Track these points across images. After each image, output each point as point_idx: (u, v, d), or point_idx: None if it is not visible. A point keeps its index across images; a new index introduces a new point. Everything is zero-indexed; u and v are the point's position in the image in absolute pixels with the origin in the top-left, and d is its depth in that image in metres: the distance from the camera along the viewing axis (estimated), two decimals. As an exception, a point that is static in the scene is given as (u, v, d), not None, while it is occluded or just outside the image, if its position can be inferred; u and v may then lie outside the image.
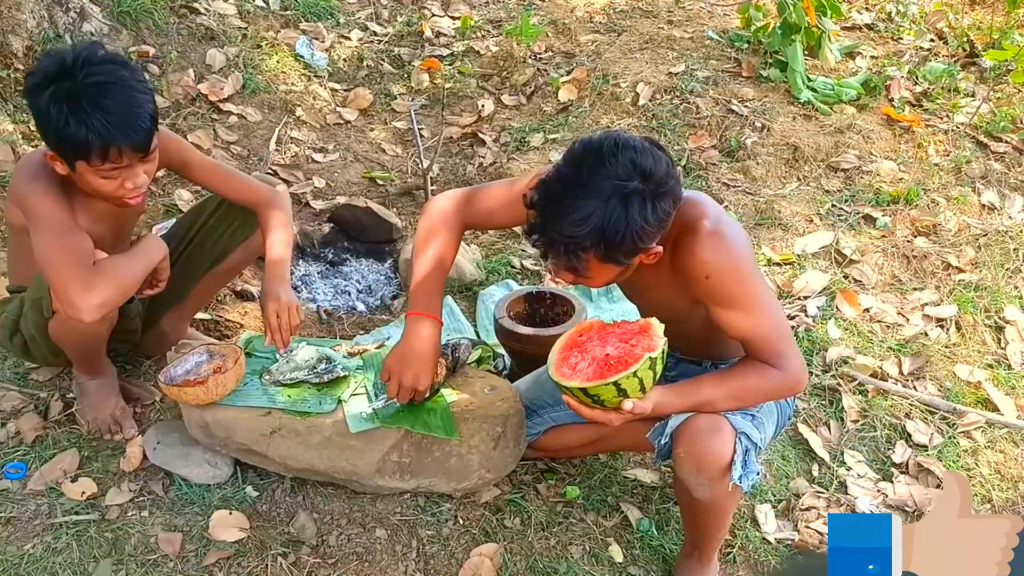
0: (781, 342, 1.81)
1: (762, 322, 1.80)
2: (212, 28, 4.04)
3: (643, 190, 1.61)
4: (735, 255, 1.78)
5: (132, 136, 1.86)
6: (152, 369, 2.49)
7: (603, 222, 1.60)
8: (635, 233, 1.62)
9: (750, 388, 1.83)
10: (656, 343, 1.74)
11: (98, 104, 1.82)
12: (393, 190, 3.69)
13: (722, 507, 1.96)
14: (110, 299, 1.95)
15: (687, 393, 1.84)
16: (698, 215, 1.78)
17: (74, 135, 1.82)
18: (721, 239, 1.76)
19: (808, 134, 3.84)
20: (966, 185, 3.70)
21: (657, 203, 1.63)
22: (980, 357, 2.97)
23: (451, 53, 4.54)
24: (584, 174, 1.63)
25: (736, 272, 1.78)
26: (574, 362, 1.79)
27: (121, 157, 1.88)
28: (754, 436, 1.87)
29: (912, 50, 4.55)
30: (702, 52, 4.32)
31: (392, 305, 3.06)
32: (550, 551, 2.17)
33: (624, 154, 1.62)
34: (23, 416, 2.30)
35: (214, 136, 3.60)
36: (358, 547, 2.09)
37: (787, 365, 1.80)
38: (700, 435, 1.83)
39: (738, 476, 1.83)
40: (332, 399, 2.13)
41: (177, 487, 2.15)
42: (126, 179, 1.93)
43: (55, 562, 1.96)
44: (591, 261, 1.67)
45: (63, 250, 1.92)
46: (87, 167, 1.89)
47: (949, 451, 2.62)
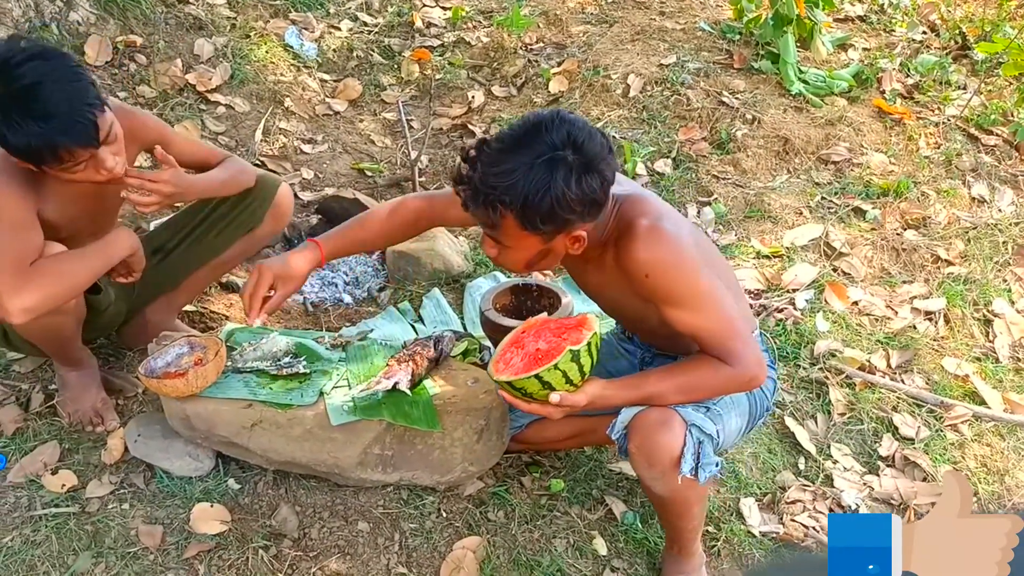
0: (730, 338, 1.79)
1: (708, 318, 1.78)
2: (200, 18, 4.01)
3: (571, 160, 1.63)
4: (674, 252, 1.77)
5: (75, 135, 1.79)
6: (135, 361, 2.47)
7: (526, 180, 1.62)
8: (555, 199, 1.62)
9: (699, 382, 1.82)
10: (583, 336, 1.75)
11: (29, 111, 1.73)
12: (382, 181, 3.67)
13: (683, 500, 1.94)
14: (43, 302, 1.86)
15: (632, 386, 1.84)
16: (638, 213, 1.79)
17: (16, 145, 1.77)
18: (659, 236, 1.76)
19: (799, 126, 3.83)
20: (956, 178, 3.69)
21: (584, 177, 1.64)
22: (968, 350, 2.97)
23: (441, 44, 4.51)
24: (520, 136, 1.67)
25: (675, 269, 1.77)
26: (509, 357, 1.82)
27: (74, 155, 1.83)
28: (707, 428, 1.86)
29: (904, 42, 4.53)
30: (694, 43, 4.30)
31: (379, 297, 3.05)
32: (534, 544, 2.16)
33: (562, 126, 1.65)
34: (4, 408, 2.29)
35: (202, 127, 3.57)
36: (340, 540, 2.08)
37: (738, 361, 1.78)
38: (649, 429, 1.83)
39: (689, 469, 1.82)
40: (314, 391, 2.12)
41: (158, 480, 2.14)
42: (96, 167, 1.89)
43: (34, 555, 1.95)
44: (509, 221, 1.68)
45: (2, 248, 1.85)
46: (49, 169, 1.85)
47: (936, 444, 2.62)
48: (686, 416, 1.84)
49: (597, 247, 1.85)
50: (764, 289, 3.11)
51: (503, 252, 1.80)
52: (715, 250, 2.12)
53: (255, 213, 2.36)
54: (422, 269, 3.08)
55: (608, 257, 1.84)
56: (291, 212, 2.48)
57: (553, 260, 1.83)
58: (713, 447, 1.87)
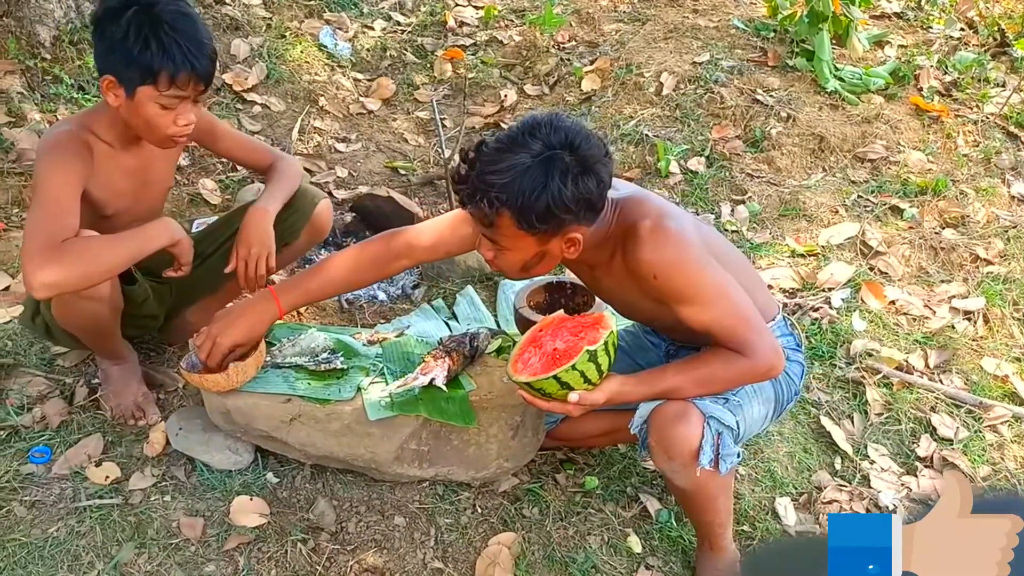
0: (744, 330, 1.79)
1: (720, 312, 1.79)
2: (236, 18, 4.06)
3: (568, 161, 1.66)
4: (679, 250, 1.78)
5: (203, 64, 1.93)
6: (175, 356, 2.51)
7: (523, 178, 1.65)
8: (551, 198, 1.64)
9: (716, 375, 1.83)
10: (600, 335, 1.77)
11: (177, 30, 1.89)
12: (415, 180, 3.69)
13: (705, 492, 1.94)
14: (65, 279, 1.87)
15: (649, 381, 1.86)
16: (639, 215, 1.80)
17: (150, 59, 1.88)
18: (662, 236, 1.77)
19: (834, 124, 3.80)
20: (995, 176, 3.65)
21: (580, 179, 1.66)
22: (1007, 350, 2.93)
23: (474, 43, 4.53)
24: (517, 137, 1.70)
25: (682, 267, 1.78)
26: (527, 357, 1.84)
27: (188, 85, 1.93)
28: (726, 419, 1.86)
29: (941, 39, 4.48)
30: (727, 41, 4.28)
31: (413, 295, 3.07)
32: (568, 541, 2.16)
33: (559, 128, 1.68)
34: (49, 401, 2.33)
35: (238, 126, 3.61)
36: (377, 534, 2.10)
37: (754, 352, 1.79)
38: (666, 422, 1.84)
39: (708, 460, 1.82)
40: (352, 387, 2.14)
41: (199, 472, 2.17)
42: (179, 114, 1.98)
43: (79, 545, 1.98)
44: (505, 220, 1.69)
45: (39, 225, 1.89)
46: (151, 92, 1.92)
47: (975, 445, 2.59)
48: (703, 408, 1.85)
49: (603, 252, 1.87)
50: (799, 288, 3.10)
51: (499, 254, 1.81)
52: (723, 241, 2.11)
53: (293, 227, 2.38)
54: (456, 267, 3.09)
55: (616, 261, 1.86)
56: (329, 227, 2.51)
57: (549, 264, 1.83)
58: (733, 437, 1.88)
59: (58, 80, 3.39)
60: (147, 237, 2.02)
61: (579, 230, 1.76)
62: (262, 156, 2.40)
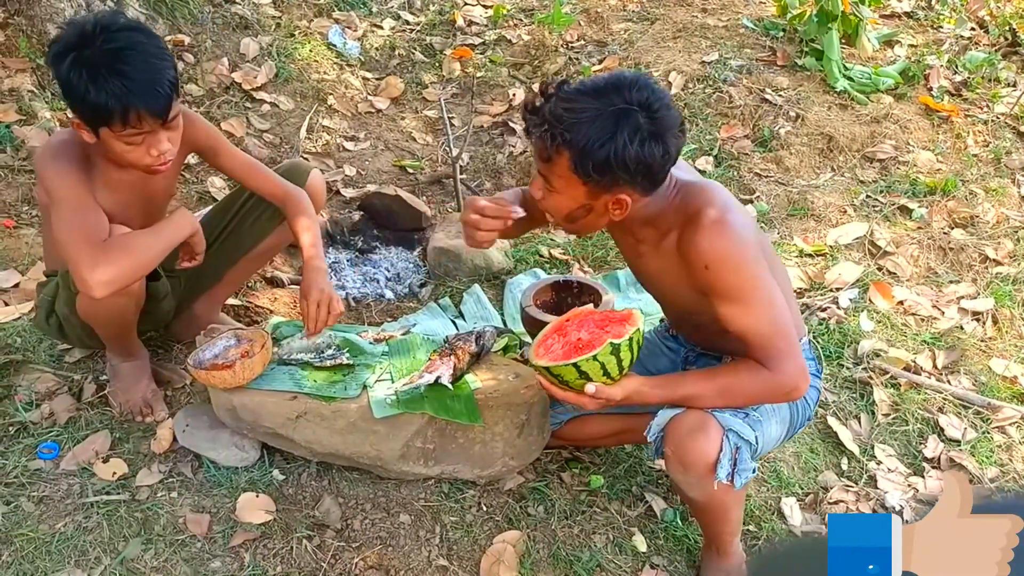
0: (778, 343, 1.75)
1: (760, 319, 1.75)
2: (246, 17, 4.07)
3: (641, 122, 1.63)
4: (737, 247, 1.73)
5: (150, 101, 1.86)
6: (183, 353, 2.52)
7: (592, 124, 1.63)
8: (613, 152, 1.62)
9: (738, 387, 1.79)
10: (625, 331, 1.74)
11: (115, 70, 1.82)
12: (423, 179, 3.70)
13: (719, 505, 1.92)
14: (120, 275, 1.93)
15: (669, 385, 1.83)
16: (705, 202, 1.76)
17: (94, 101, 1.84)
18: (724, 229, 1.72)
19: (843, 124, 3.79)
20: (1005, 176, 3.63)
21: (648, 142, 1.63)
22: (1017, 351, 2.91)
23: (483, 42, 4.53)
24: (601, 86, 1.67)
25: (735, 264, 1.73)
26: (550, 343, 1.82)
27: (141, 122, 1.89)
28: (745, 434, 1.82)
29: (952, 39, 4.46)
30: (736, 40, 4.27)
31: (420, 293, 3.07)
32: (573, 539, 2.16)
33: (644, 90, 1.65)
34: (57, 397, 2.34)
35: (247, 124, 3.63)
36: (382, 531, 2.11)
37: (781, 368, 1.75)
38: (685, 433, 1.80)
39: (725, 474, 1.79)
40: (357, 384, 2.15)
41: (206, 469, 2.18)
42: (150, 146, 1.94)
43: (86, 540, 1.99)
44: (563, 160, 1.67)
45: (75, 227, 1.93)
46: (110, 133, 1.90)
47: (983, 446, 2.57)
48: (723, 421, 1.81)
49: (657, 229, 1.83)
50: (807, 288, 3.09)
51: (548, 195, 1.77)
52: (773, 251, 2.07)
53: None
54: (462, 265, 3.10)
55: (667, 242, 1.81)
56: (324, 198, 2.50)
57: (593, 221, 1.79)
58: (751, 452, 1.84)
59: (68, 78, 3.40)
60: (178, 226, 2.08)
61: (631, 194, 1.71)
62: (270, 185, 2.32)
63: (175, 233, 2.08)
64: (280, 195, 2.32)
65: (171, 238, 2.07)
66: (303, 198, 2.32)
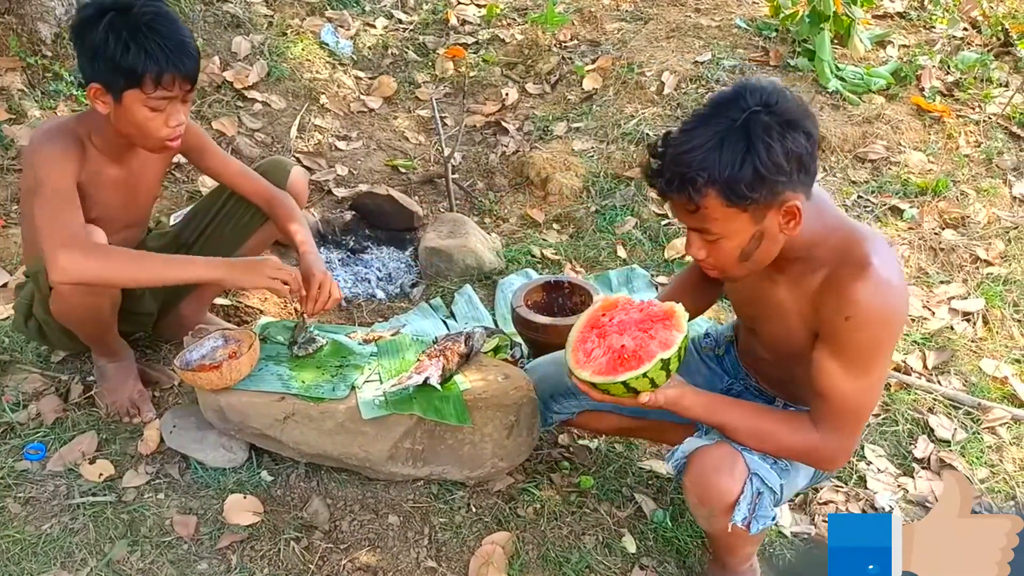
0: (848, 418, 1.66)
1: (854, 390, 1.63)
2: (238, 16, 4.06)
3: (768, 120, 1.49)
4: (889, 313, 1.59)
5: (186, 63, 1.92)
6: (171, 353, 2.51)
7: (723, 147, 1.49)
8: (758, 160, 1.48)
9: (779, 436, 1.71)
10: (673, 340, 1.64)
11: (155, 31, 1.88)
12: (415, 178, 3.69)
13: (731, 542, 1.88)
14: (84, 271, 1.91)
15: (712, 408, 1.75)
16: (874, 251, 1.60)
17: (132, 60, 1.87)
18: (888, 290, 1.58)
19: (835, 124, 3.79)
20: (997, 177, 3.63)
21: (787, 133, 1.49)
22: (1007, 352, 2.91)
23: (476, 41, 4.53)
24: (706, 113, 1.56)
25: (876, 331, 1.59)
26: (590, 347, 1.71)
27: (173, 85, 1.92)
28: (771, 480, 1.74)
29: (944, 39, 4.46)
30: (729, 40, 4.27)
31: (411, 293, 3.06)
32: (563, 540, 2.16)
33: (753, 92, 1.53)
34: (44, 398, 2.33)
35: (239, 123, 3.62)
36: (370, 533, 2.10)
37: (830, 437, 1.67)
38: (709, 468, 1.73)
39: (742, 518, 1.71)
40: (345, 385, 2.14)
41: (193, 470, 2.17)
42: (169, 115, 1.97)
43: (72, 542, 1.98)
44: (712, 200, 1.52)
45: (59, 213, 1.93)
46: (138, 95, 1.91)
47: (973, 447, 2.57)
48: (751, 463, 1.73)
49: (807, 262, 1.66)
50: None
51: (712, 248, 1.62)
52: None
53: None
54: (454, 265, 3.09)
55: (813, 279, 1.65)
56: (305, 195, 2.50)
57: (769, 247, 1.61)
58: (773, 500, 1.76)
59: (58, 77, 3.39)
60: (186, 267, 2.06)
61: (795, 197, 1.54)
62: (255, 187, 2.34)
63: (177, 270, 2.05)
64: (266, 198, 2.34)
65: (169, 272, 2.04)
66: (290, 202, 2.34)
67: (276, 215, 2.32)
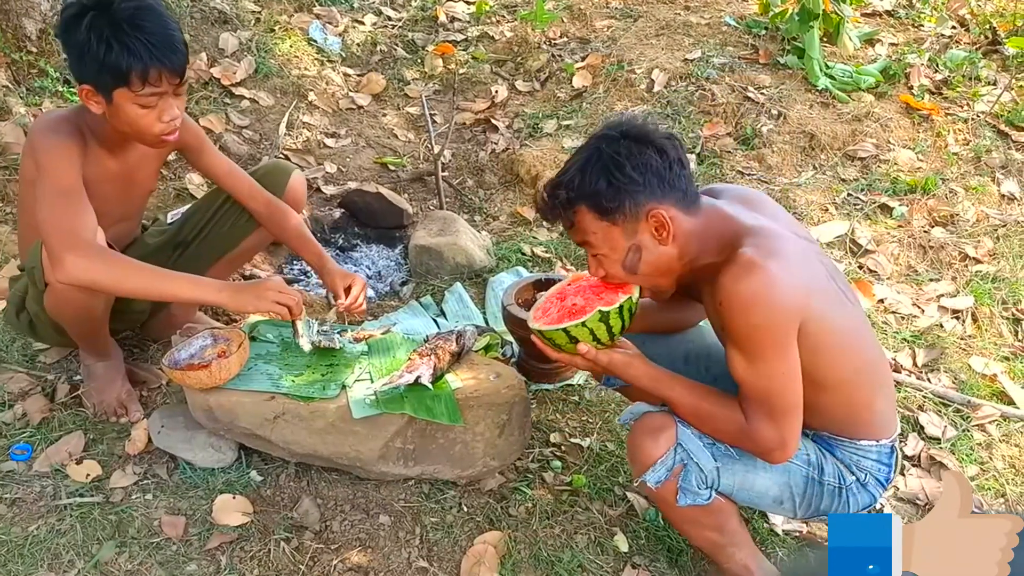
0: (761, 405, 1.69)
1: (752, 376, 1.68)
2: (225, 12, 4.03)
3: (618, 140, 1.70)
4: (760, 294, 1.62)
5: (172, 58, 1.88)
6: (159, 352, 2.49)
7: (584, 168, 1.70)
8: (611, 173, 1.67)
9: (713, 418, 1.78)
10: (617, 299, 1.78)
11: (136, 26, 1.84)
12: (405, 176, 3.68)
13: (670, 515, 1.92)
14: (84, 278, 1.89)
15: (659, 381, 1.83)
16: (750, 243, 1.67)
17: (116, 59, 1.84)
18: (753, 272, 1.62)
19: (825, 122, 3.79)
20: (985, 175, 3.64)
21: (636, 148, 1.68)
22: (996, 349, 2.92)
23: (465, 38, 4.51)
24: (581, 147, 1.77)
25: (751, 311, 1.63)
26: (548, 307, 1.88)
27: (161, 80, 1.89)
28: (700, 458, 1.80)
29: (933, 37, 4.47)
30: (719, 38, 4.27)
31: (401, 291, 3.05)
32: (555, 540, 2.15)
33: (616, 123, 1.74)
34: (30, 398, 2.31)
35: (226, 120, 3.59)
36: (361, 533, 2.09)
37: (755, 427, 1.70)
38: (642, 431, 1.85)
39: (654, 480, 1.80)
40: (336, 384, 2.12)
41: (181, 470, 2.15)
42: (162, 111, 1.94)
43: (59, 543, 1.96)
44: (583, 216, 1.72)
45: (69, 213, 1.91)
46: (126, 95, 1.89)
47: (963, 444, 2.58)
48: (681, 434, 1.81)
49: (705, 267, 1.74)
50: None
51: (600, 264, 1.79)
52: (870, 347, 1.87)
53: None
54: (444, 264, 3.08)
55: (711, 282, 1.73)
56: (304, 200, 2.49)
57: (651, 259, 1.74)
58: (700, 480, 1.81)
59: (43, 74, 3.36)
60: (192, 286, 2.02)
61: (659, 207, 1.69)
62: (251, 191, 2.33)
63: (181, 288, 2.01)
64: (261, 203, 2.34)
65: (172, 289, 2.01)
66: (287, 211, 2.35)
67: (274, 220, 2.33)
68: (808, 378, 1.71)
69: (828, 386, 1.77)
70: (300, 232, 2.35)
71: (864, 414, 1.84)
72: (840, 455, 1.88)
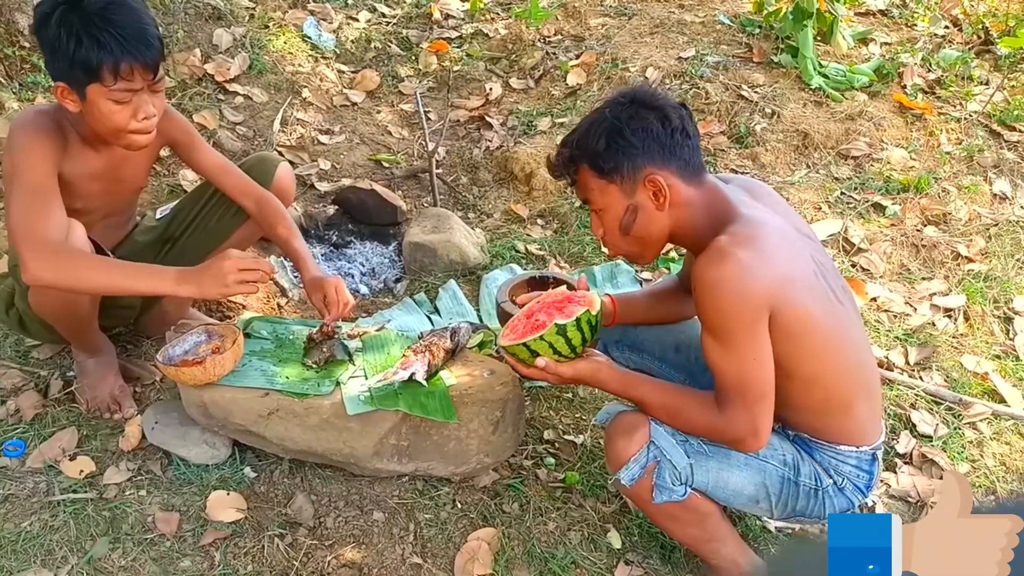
0: (733, 392, 1.70)
1: (723, 361, 1.70)
2: (219, 8, 4.02)
3: (622, 104, 1.76)
4: (728, 280, 1.64)
5: (144, 52, 1.85)
6: (153, 349, 2.49)
7: (588, 129, 1.78)
8: (609, 131, 1.73)
9: (685, 413, 1.80)
10: (574, 312, 1.82)
11: (107, 20, 1.82)
12: (399, 173, 3.67)
13: (647, 510, 1.92)
14: (52, 280, 1.87)
15: (628, 383, 1.87)
16: (729, 230, 1.69)
17: (85, 54, 1.82)
18: (724, 259, 1.64)
19: (818, 121, 3.80)
20: (978, 174, 3.66)
21: (639, 112, 1.73)
22: (988, 348, 2.94)
23: (460, 35, 4.51)
24: (591, 111, 1.84)
25: (720, 297, 1.65)
26: (516, 324, 1.91)
27: (134, 75, 1.86)
28: (672, 455, 1.81)
29: (926, 37, 4.49)
30: (713, 37, 4.27)
31: (395, 288, 3.05)
32: (548, 536, 2.16)
33: (627, 90, 1.81)
34: (23, 394, 2.30)
35: (220, 117, 3.58)
36: (355, 529, 2.09)
37: (729, 416, 1.72)
38: (616, 430, 1.87)
39: (628, 478, 1.82)
40: (330, 381, 2.12)
41: (175, 467, 2.15)
42: (137, 108, 1.91)
43: (52, 539, 1.96)
44: (584, 174, 1.79)
45: (33, 213, 1.88)
46: (99, 91, 1.86)
47: (954, 442, 2.59)
48: (653, 432, 1.82)
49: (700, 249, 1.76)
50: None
51: (599, 222, 1.83)
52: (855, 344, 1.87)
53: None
54: (438, 260, 3.08)
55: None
56: (292, 191, 2.47)
57: (647, 222, 1.77)
58: (674, 476, 1.82)
59: (36, 69, 3.35)
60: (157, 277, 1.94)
61: (657, 173, 1.73)
62: (242, 186, 2.30)
63: (146, 281, 1.95)
64: (253, 197, 2.30)
65: (138, 284, 1.96)
66: (278, 205, 2.31)
67: (264, 217, 2.29)
68: (778, 365, 1.72)
69: (799, 377, 1.76)
70: (287, 237, 2.28)
71: (842, 417, 1.85)
72: (819, 458, 1.89)
